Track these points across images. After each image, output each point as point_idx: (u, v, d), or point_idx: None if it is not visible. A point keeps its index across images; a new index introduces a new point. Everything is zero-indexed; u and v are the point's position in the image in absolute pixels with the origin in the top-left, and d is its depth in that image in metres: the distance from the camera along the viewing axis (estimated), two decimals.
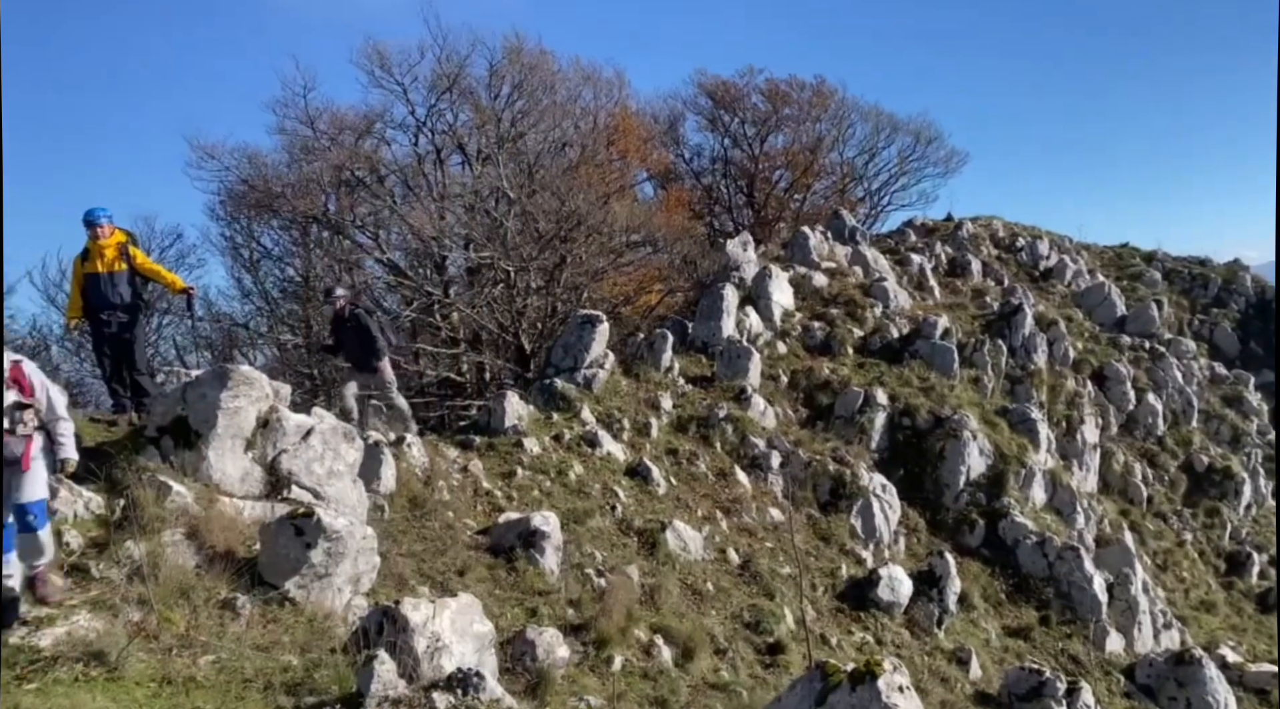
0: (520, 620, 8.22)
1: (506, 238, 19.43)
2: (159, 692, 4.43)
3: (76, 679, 4.50)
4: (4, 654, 4.70)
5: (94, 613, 5.35)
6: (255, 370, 8.65)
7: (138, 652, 4.86)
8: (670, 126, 31.88)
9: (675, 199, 27.58)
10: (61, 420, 5.67)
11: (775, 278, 18.59)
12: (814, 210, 30.91)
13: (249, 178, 22.31)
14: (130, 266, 9.06)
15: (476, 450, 11.97)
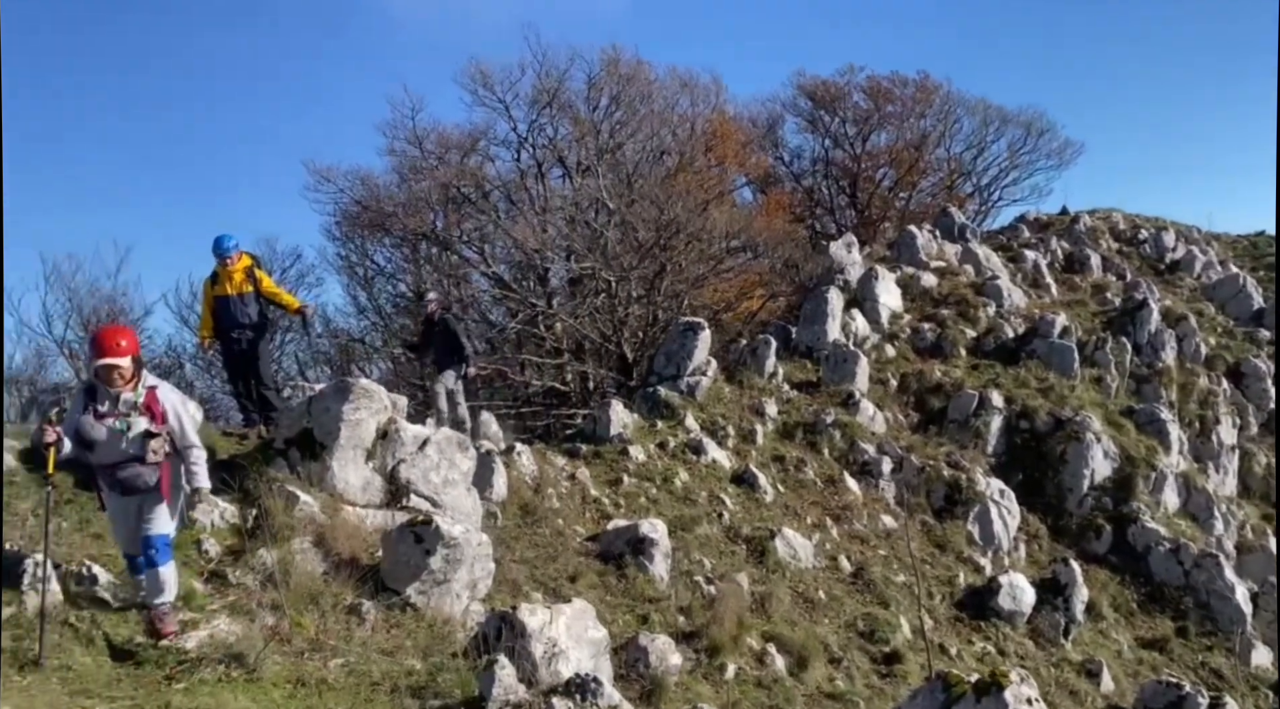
0: (632, 627, 8.27)
1: (607, 248, 19.64)
2: (294, 693, 4.64)
3: (219, 680, 4.75)
4: (155, 655, 5.00)
5: (233, 617, 5.64)
6: (374, 383, 8.98)
7: (273, 654, 5.10)
8: (769, 129, 31.65)
9: (775, 203, 27.35)
10: (194, 448, 5.47)
11: (882, 279, 18.20)
12: (920, 208, 30.13)
13: (362, 198, 23.25)
14: (256, 288, 9.42)
15: (583, 458, 12.11)
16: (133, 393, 5.18)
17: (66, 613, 5.22)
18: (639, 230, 19.33)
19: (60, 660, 4.81)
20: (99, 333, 5.27)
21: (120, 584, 5.83)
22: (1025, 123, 32.10)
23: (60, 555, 5.85)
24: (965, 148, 32.55)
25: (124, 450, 5.16)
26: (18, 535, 6.22)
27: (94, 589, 5.67)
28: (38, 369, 18.52)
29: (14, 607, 5.14)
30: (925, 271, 19.74)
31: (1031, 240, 24.10)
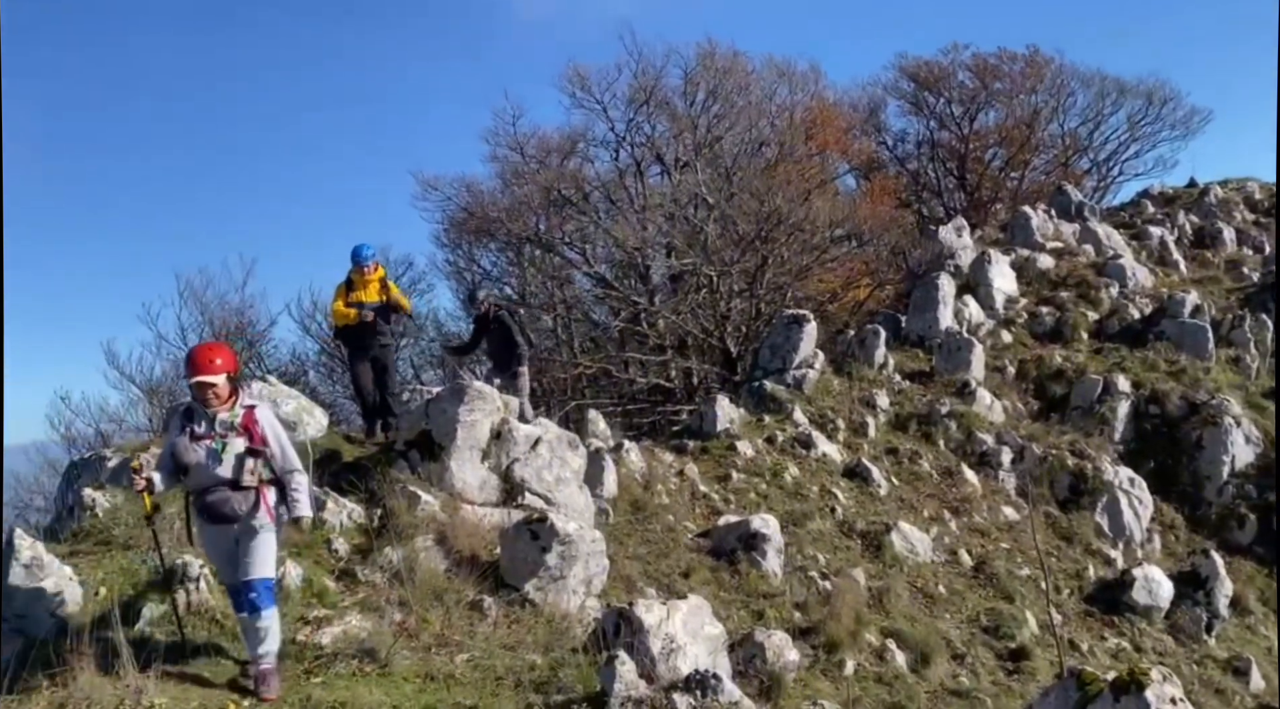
0: (746, 623, 8.24)
1: (707, 243, 19.58)
2: (424, 687, 4.81)
3: (353, 674, 4.97)
4: (294, 650, 5.26)
5: (363, 614, 5.89)
6: (487, 386, 9.22)
7: (402, 650, 5.30)
8: (870, 114, 30.88)
9: (880, 189, 26.67)
10: (296, 472, 4.99)
11: (995, 263, 17.57)
12: (1034, 188, 28.89)
13: (468, 205, 23.85)
14: (387, 299, 9.59)
15: (691, 454, 12.12)
16: (229, 413, 4.87)
17: (214, 610, 5.54)
18: (739, 224, 19.19)
19: (209, 656, 5.11)
20: (193, 350, 4.97)
21: None
22: (1146, 92, 30.34)
23: (205, 555, 6.21)
24: (1081, 122, 30.99)
25: (218, 474, 4.80)
26: (169, 539, 6.65)
27: None
28: (175, 380, 19.66)
29: (168, 605, 5.49)
30: (1041, 253, 18.95)
31: (1156, 216, 22.84)
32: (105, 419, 17.05)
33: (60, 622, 5.37)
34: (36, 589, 5.44)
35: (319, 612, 5.95)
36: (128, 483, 5.00)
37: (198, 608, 5.56)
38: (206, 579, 5.81)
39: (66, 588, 5.57)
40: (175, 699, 4.40)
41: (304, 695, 4.50)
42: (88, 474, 8.81)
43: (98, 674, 4.36)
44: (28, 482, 15.44)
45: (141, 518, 5.13)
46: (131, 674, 4.45)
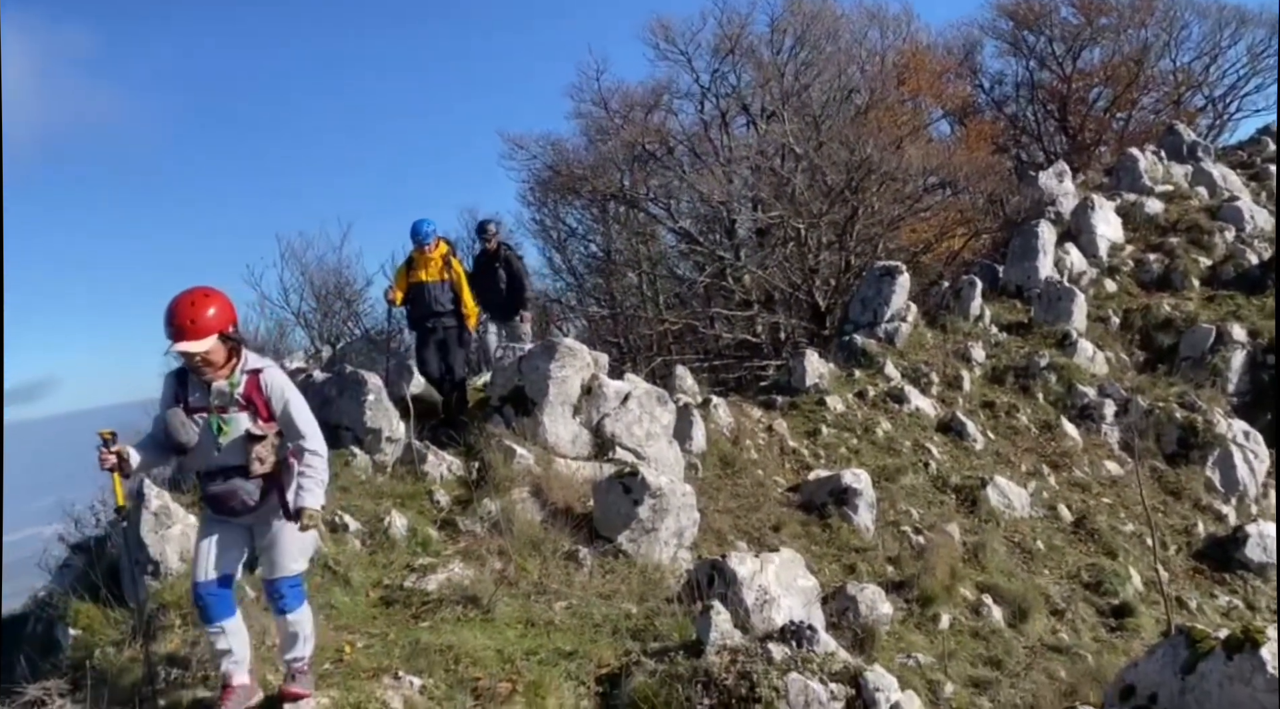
0: (838, 576, 8.24)
1: (795, 195, 19.23)
2: (525, 632, 4.99)
3: (458, 619, 5.18)
4: (402, 595, 5.51)
5: (465, 562, 6.11)
6: (577, 342, 9.35)
7: (503, 597, 5.49)
8: (966, 57, 29.59)
9: (976, 134, 25.64)
10: (309, 451, 3.97)
11: (1099, 208, 16.78)
12: (1142, 128, 27.34)
13: (552, 163, 23.94)
14: (451, 276, 8.95)
15: (779, 410, 12.07)
16: (226, 381, 3.86)
17: (326, 557, 5.83)
18: (828, 174, 18.77)
19: (323, 599, 5.40)
20: (168, 306, 3.75)
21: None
22: (1270, 21, 28.23)
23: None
24: (1195, 56, 29.07)
25: (219, 459, 3.89)
26: None
27: (347, 535, 6.30)
28: (279, 339, 20.45)
29: None
30: (1149, 197, 18.00)
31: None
32: None
33: (188, 567, 5.73)
34: (165, 536, 5.81)
35: (424, 560, 6.21)
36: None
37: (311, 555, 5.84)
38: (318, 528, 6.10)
39: (191, 535, 5.93)
40: None
41: (413, 639, 4.72)
42: None
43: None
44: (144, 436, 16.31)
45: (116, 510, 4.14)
46: (255, 615, 4.73)
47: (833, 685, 3.90)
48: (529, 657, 4.53)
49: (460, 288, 8.92)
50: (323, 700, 3.73)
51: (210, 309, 3.77)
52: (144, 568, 5.72)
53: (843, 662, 4.10)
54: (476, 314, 9.33)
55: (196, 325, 3.72)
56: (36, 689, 4.32)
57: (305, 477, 3.94)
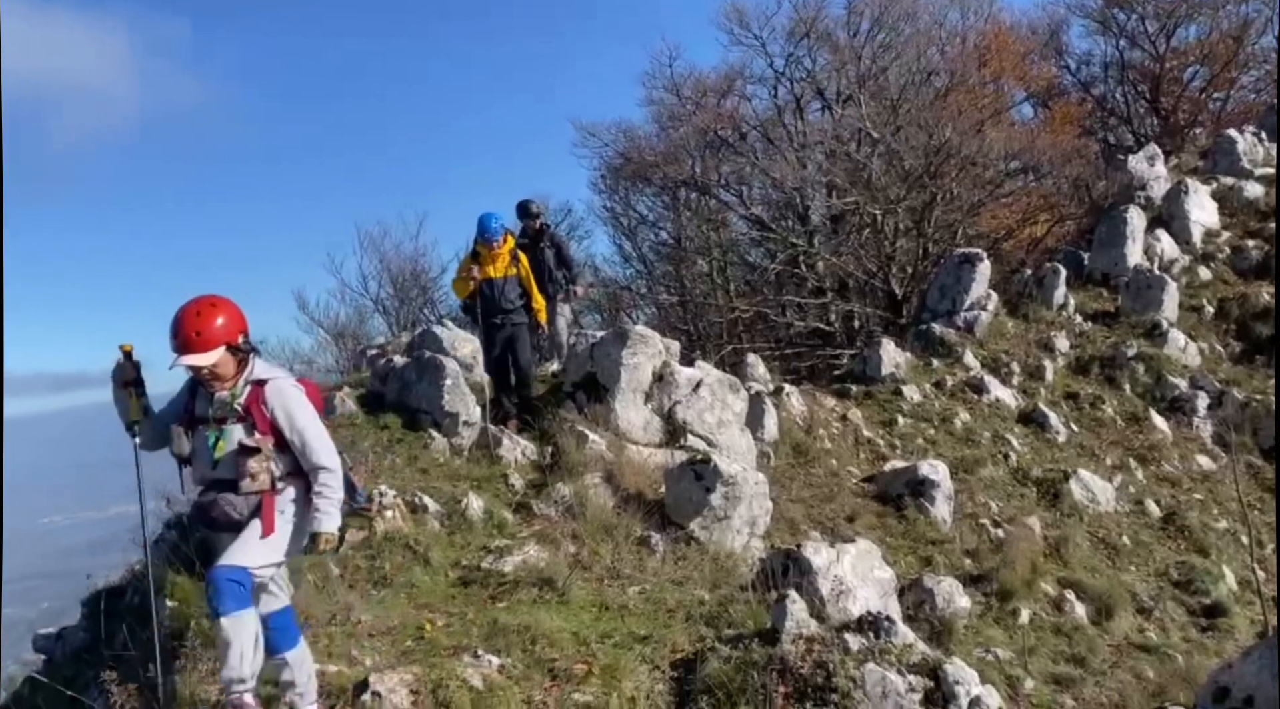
0: (914, 568, 8.11)
1: (871, 180, 18.88)
2: (600, 616, 5.04)
3: (534, 601, 5.26)
4: (479, 576, 5.62)
5: (540, 545, 6.20)
6: (649, 329, 9.38)
7: (577, 580, 5.56)
8: (1051, 36, 28.53)
9: (1061, 116, 24.77)
10: (323, 469, 3.66)
11: (1193, 193, 16.07)
12: (1241, 108, 26.02)
13: (624, 150, 23.97)
14: (519, 272, 8.69)
15: (854, 399, 11.92)
16: (228, 392, 3.66)
17: (406, 537, 5.98)
18: (906, 159, 18.37)
19: (404, 578, 5.54)
20: (175, 318, 3.56)
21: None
22: None
23: (397, 486, 6.70)
24: None
25: (213, 472, 3.68)
26: (362, 470, 7.20)
27: (426, 516, 6.45)
28: (358, 324, 21.01)
29: (366, 531, 5.97)
30: (1249, 181, 17.16)
31: None
32: (298, 361, 18.48)
33: None
34: None
35: (499, 541, 6.32)
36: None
37: (392, 534, 6.00)
38: (399, 508, 6.27)
39: None
40: (378, 617, 4.80)
41: (490, 619, 4.81)
42: None
43: (313, 590, 4.80)
44: None
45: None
46: (340, 592, 4.88)
47: (911, 677, 3.85)
48: (604, 640, 4.57)
49: (529, 282, 8.72)
50: (406, 676, 3.83)
51: (218, 319, 3.57)
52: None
53: (921, 653, 4.04)
54: (545, 308, 9.10)
55: (202, 338, 3.53)
56: (140, 654, 4.53)
57: (319, 496, 3.63)
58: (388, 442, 8.01)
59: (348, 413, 8.59)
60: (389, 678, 3.77)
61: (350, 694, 3.74)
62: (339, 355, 19.05)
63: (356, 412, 8.52)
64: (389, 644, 4.53)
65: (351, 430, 8.17)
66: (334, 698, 3.79)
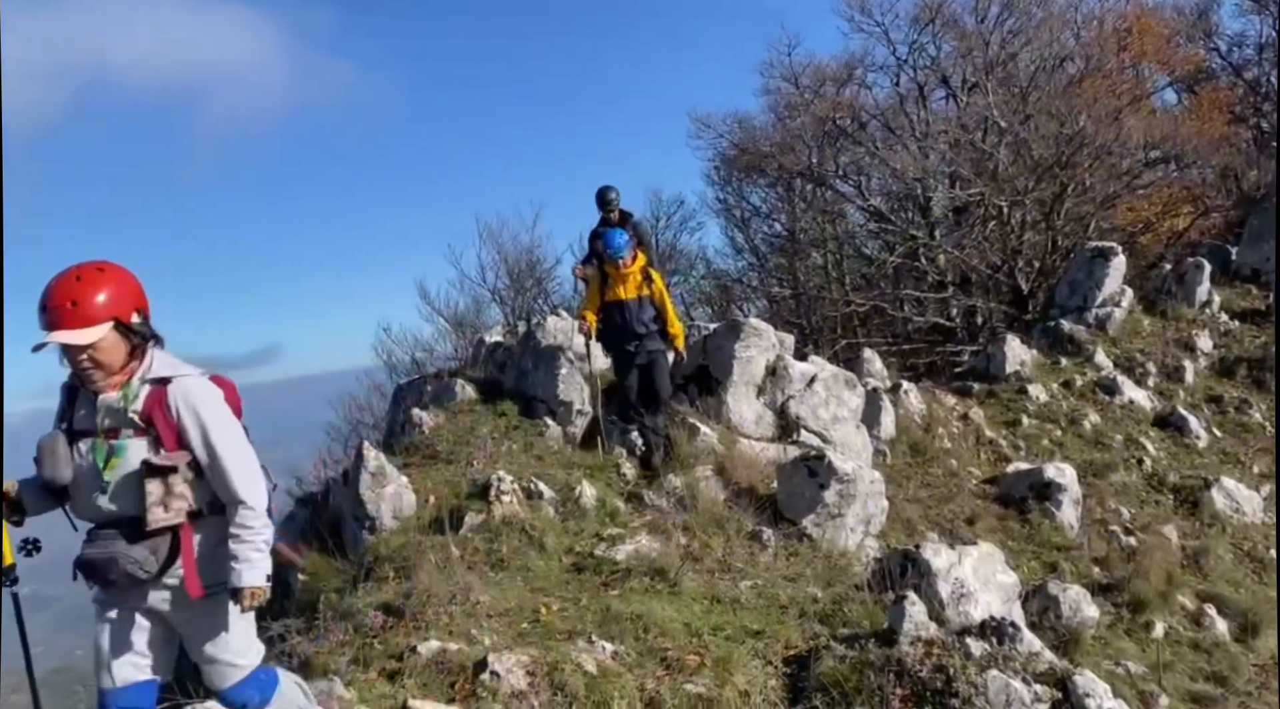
0: (1037, 574, 7.79)
1: (997, 171, 18.16)
2: (711, 608, 5.03)
3: (646, 590, 5.29)
4: (593, 563, 5.70)
5: (651, 535, 6.23)
6: (763, 322, 9.30)
7: (689, 571, 5.56)
8: (1200, 17, 26.70)
9: (1209, 103, 23.16)
10: (241, 504, 2.73)
11: None
12: None
13: (739, 141, 23.79)
14: (653, 291, 7.77)
15: (975, 398, 11.54)
16: (117, 393, 2.71)
17: (522, 522, 6.11)
18: (1035, 148, 17.59)
19: (520, 561, 5.67)
20: (49, 283, 2.62)
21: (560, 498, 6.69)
22: None
23: (513, 472, 6.85)
24: None
25: (100, 505, 2.71)
26: (482, 456, 7.41)
27: (541, 502, 6.58)
28: (476, 313, 21.57)
29: (485, 514, 6.14)
30: None
31: None
32: (419, 348, 19.14)
33: (400, 523, 6.19)
34: (381, 494, 6.28)
35: (611, 530, 6.38)
36: None
37: (509, 518, 6.15)
38: (516, 493, 6.42)
39: (404, 494, 6.39)
40: (496, 598, 4.93)
41: (603, 606, 4.87)
42: (411, 396, 9.98)
43: (434, 570, 4.97)
44: (359, 401, 17.75)
45: None
46: (460, 572, 5.04)
47: (1037, 687, 3.69)
48: (716, 632, 4.56)
49: (664, 304, 7.75)
50: (522, 657, 3.92)
51: (103, 289, 2.62)
52: (362, 523, 6.22)
53: (1048, 663, 3.87)
54: (684, 333, 8.07)
55: (80, 308, 2.57)
56: (278, 626, 4.80)
57: (238, 540, 2.70)
58: (504, 428, 8.22)
59: (466, 399, 8.85)
60: (507, 658, 3.87)
61: (470, 672, 3.86)
62: (457, 343, 19.58)
63: (475, 398, 8.77)
64: (506, 625, 4.64)
65: (470, 417, 8.42)
66: (454, 675, 3.91)
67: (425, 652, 4.07)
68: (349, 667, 4.09)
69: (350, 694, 3.61)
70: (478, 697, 3.66)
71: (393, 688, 3.82)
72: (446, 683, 3.85)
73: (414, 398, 9.78)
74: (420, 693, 3.67)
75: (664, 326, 7.71)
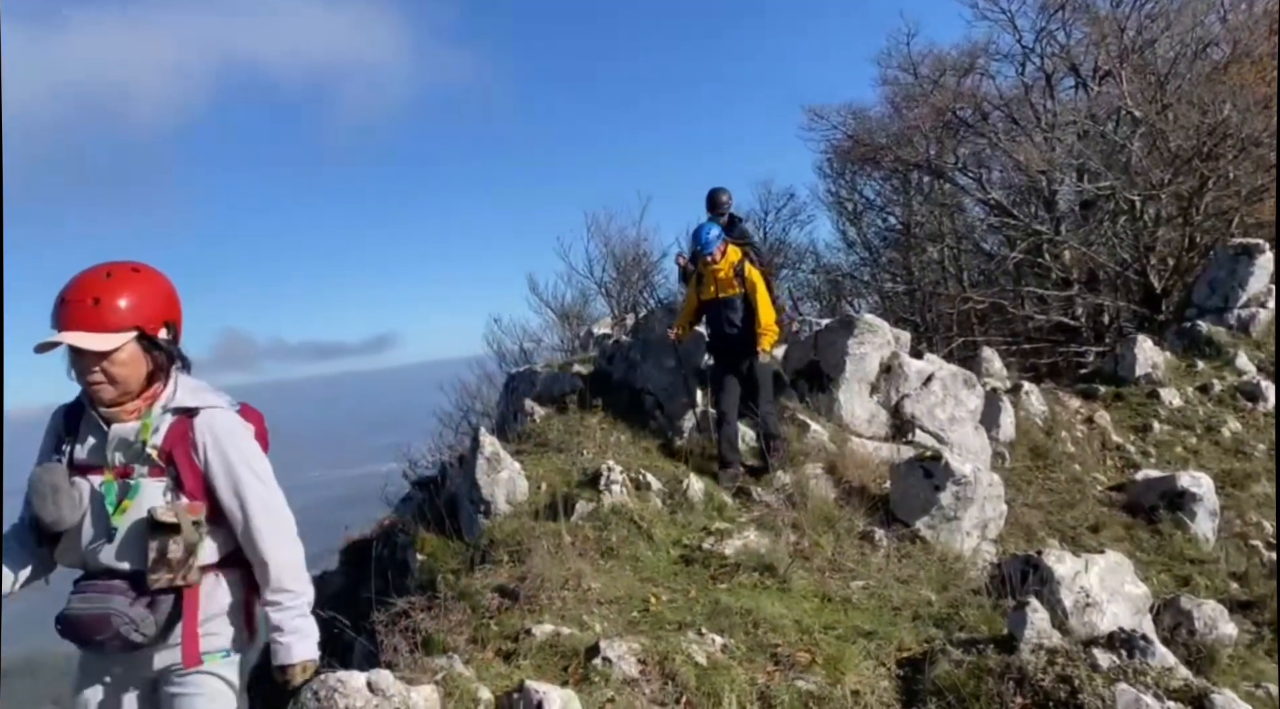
0: (1168, 587, 7.38)
1: (1130, 163, 17.25)
2: (822, 607, 4.97)
3: (755, 585, 5.27)
4: (701, 556, 5.72)
5: (759, 531, 6.20)
6: (878, 319, 9.10)
7: (798, 569, 5.51)
8: None
9: None
10: (271, 562, 2.37)
11: None
12: None
13: (854, 133, 23.33)
14: (743, 289, 7.28)
15: (1102, 401, 11.04)
16: (137, 422, 2.32)
17: (631, 512, 6.18)
18: (1172, 140, 16.62)
19: (630, 551, 5.73)
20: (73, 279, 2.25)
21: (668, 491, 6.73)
22: None
23: (622, 462, 6.93)
24: None
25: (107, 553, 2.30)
26: (591, 446, 7.52)
27: (649, 493, 6.63)
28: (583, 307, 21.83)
29: (595, 503, 6.23)
30: None
31: None
32: (527, 339, 19.51)
33: (514, 508, 6.34)
34: (496, 479, 6.45)
35: (719, 524, 6.38)
36: None
37: (618, 508, 6.22)
38: (625, 483, 6.49)
39: (517, 480, 6.54)
40: (606, 586, 5.00)
41: (712, 599, 4.88)
42: (522, 385, 10.20)
43: (547, 555, 5.08)
44: (471, 390, 18.23)
45: None
46: (572, 559, 5.13)
47: (1170, 703, 3.50)
48: (827, 630, 4.50)
49: (756, 299, 7.23)
50: (634, 645, 3.96)
51: (133, 292, 2.24)
52: (477, 507, 6.40)
53: (1183, 679, 3.67)
54: (775, 334, 7.49)
55: (102, 309, 2.19)
56: (402, 602, 5.00)
57: (279, 608, 2.36)
58: (613, 419, 8.30)
59: (577, 389, 8.99)
60: (618, 645, 3.92)
61: (582, 657, 3.92)
62: (563, 335, 19.86)
63: (584, 389, 8.90)
64: (616, 613, 4.70)
65: (580, 407, 8.55)
66: (567, 658, 3.98)
67: (539, 634, 4.16)
68: (467, 645, 4.22)
69: (468, 672, 3.72)
70: (590, 681, 3.72)
71: (508, 668, 3.92)
72: (560, 666, 3.93)
73: (525, 387, 10.00)
74: (535, 674, 3.76)
75: (755, 326, 7.25)
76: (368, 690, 3.09)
